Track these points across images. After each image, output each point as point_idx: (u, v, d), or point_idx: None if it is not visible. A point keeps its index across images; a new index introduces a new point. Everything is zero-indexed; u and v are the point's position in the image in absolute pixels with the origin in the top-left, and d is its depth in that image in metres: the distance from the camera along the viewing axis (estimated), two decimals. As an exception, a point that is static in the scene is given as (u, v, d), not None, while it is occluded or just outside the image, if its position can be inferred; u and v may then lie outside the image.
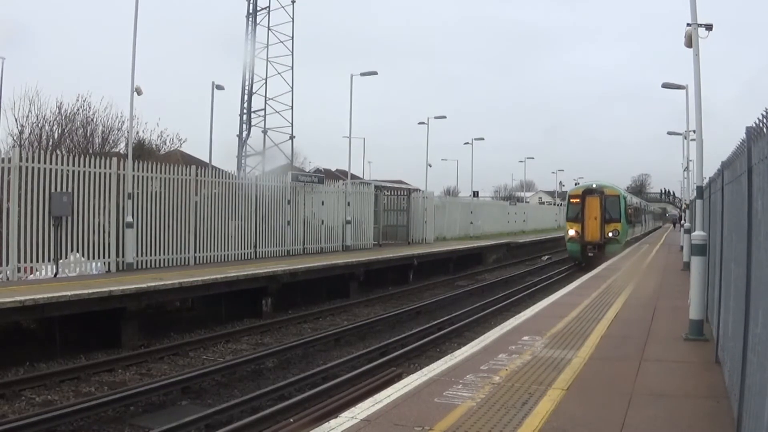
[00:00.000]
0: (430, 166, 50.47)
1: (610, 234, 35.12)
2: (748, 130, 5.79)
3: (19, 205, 17.93)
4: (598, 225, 35.03)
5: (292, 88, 47.34)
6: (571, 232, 36.08)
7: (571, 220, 36.41)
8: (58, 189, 18.92)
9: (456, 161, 75.34)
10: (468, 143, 63.94)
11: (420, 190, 44.71)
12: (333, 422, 6.92)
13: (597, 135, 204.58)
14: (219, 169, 28.95)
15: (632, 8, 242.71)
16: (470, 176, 63.67)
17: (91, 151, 28.64)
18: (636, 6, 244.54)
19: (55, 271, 18.75)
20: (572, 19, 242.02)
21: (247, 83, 47.38)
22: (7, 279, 17.52)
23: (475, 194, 67.00)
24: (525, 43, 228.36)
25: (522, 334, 11.61)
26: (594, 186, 36.68)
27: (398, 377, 11.53)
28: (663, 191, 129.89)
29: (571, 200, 37.12)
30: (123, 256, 20.88)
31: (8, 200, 17.76)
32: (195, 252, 23.73)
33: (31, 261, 18.33)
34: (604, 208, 35.13)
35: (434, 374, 8.82)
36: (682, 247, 28.57)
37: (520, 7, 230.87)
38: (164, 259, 22.49)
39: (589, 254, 34.95)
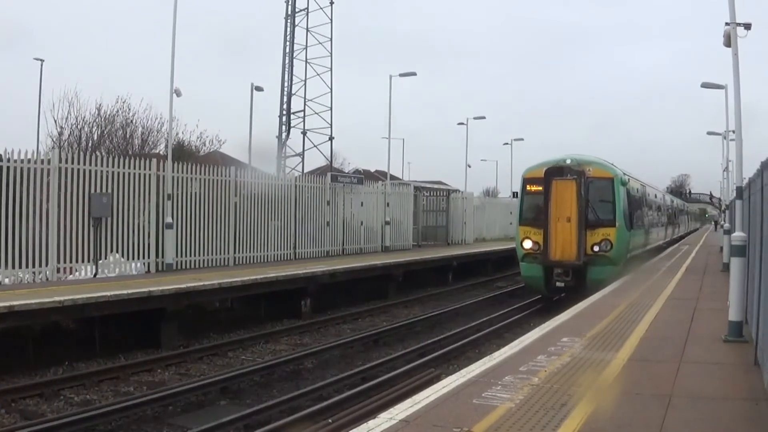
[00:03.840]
0: (470, 166, 50.24)
1: (596, 248, 20.80)
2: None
3: (59, 206, 18.08)
4: (574, 232, 20.88)
5: (331, 89, 47.72)
6: (527, 244, 21.76)
7: (528, 222, 22.03)
8: (98, 190, 19.05)
9: (495, 162, 74.68)
10: (507, 144, 63.53)
11: (459, 191, 44.47)
12: (371, 423, 6.86)
13: (637, 135, 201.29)
14: (258, 170, 28.98)
15: (672, 7, 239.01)
16: (510, 177, 63.17)
17: (130, 153, 28.91)
18: (675, 5, 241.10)
19: (94, 271, 18.90)
20: (613, 18, 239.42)
21: (286, 85, 47.77)
22: (47, 279, 17.65)
23: (515, 195, 66.28)
24: (565, 43, 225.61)
25: (561, 336, 11.44)
26: (568, 162, 21.46)
27: (437, 378, 11.42)
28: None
29: (528, 187, 22.33)
30: (162, 257, 20.96)
31: (48, 201, 17.89)
32: (234, 253, 23.78)
33: (71, 261, 18.47)
34: (586, 201, 20.96)
35: (473, 375, 8.71)
36: (721, 248, 27.53)
37: (560, 5, 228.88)
38: (204, 260, 22.56)
39: (558, 283, 21.23)
